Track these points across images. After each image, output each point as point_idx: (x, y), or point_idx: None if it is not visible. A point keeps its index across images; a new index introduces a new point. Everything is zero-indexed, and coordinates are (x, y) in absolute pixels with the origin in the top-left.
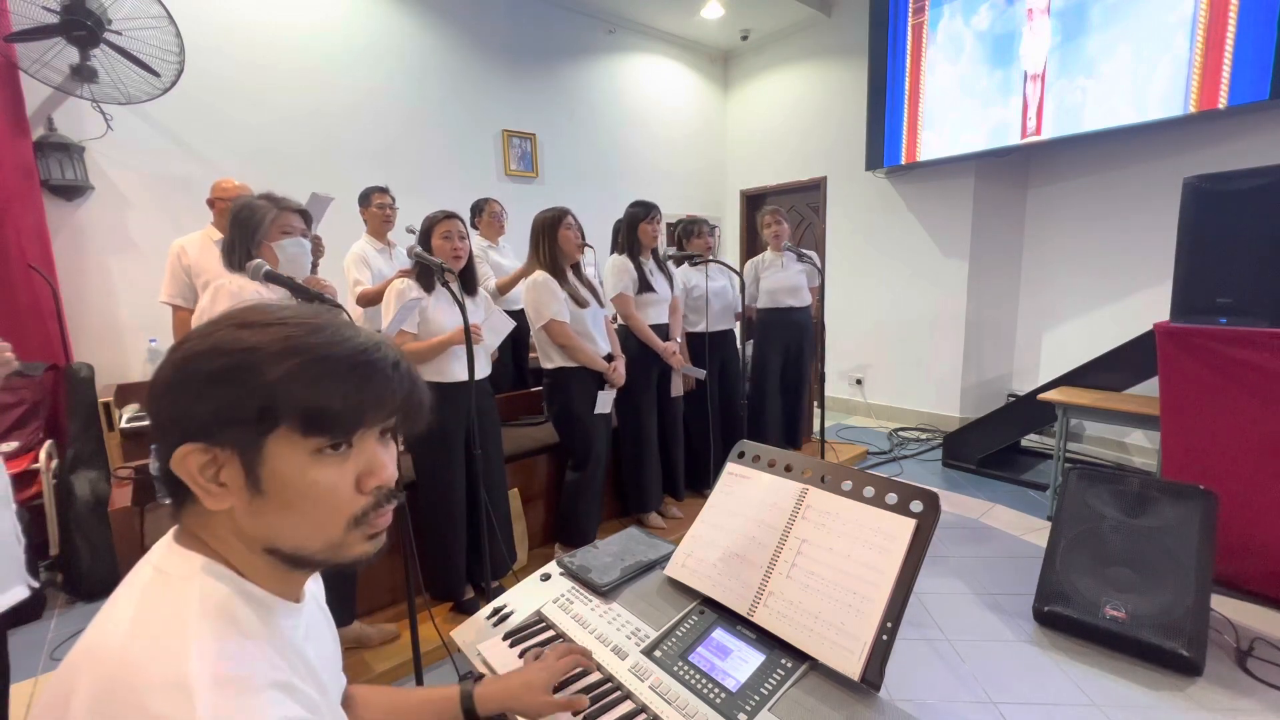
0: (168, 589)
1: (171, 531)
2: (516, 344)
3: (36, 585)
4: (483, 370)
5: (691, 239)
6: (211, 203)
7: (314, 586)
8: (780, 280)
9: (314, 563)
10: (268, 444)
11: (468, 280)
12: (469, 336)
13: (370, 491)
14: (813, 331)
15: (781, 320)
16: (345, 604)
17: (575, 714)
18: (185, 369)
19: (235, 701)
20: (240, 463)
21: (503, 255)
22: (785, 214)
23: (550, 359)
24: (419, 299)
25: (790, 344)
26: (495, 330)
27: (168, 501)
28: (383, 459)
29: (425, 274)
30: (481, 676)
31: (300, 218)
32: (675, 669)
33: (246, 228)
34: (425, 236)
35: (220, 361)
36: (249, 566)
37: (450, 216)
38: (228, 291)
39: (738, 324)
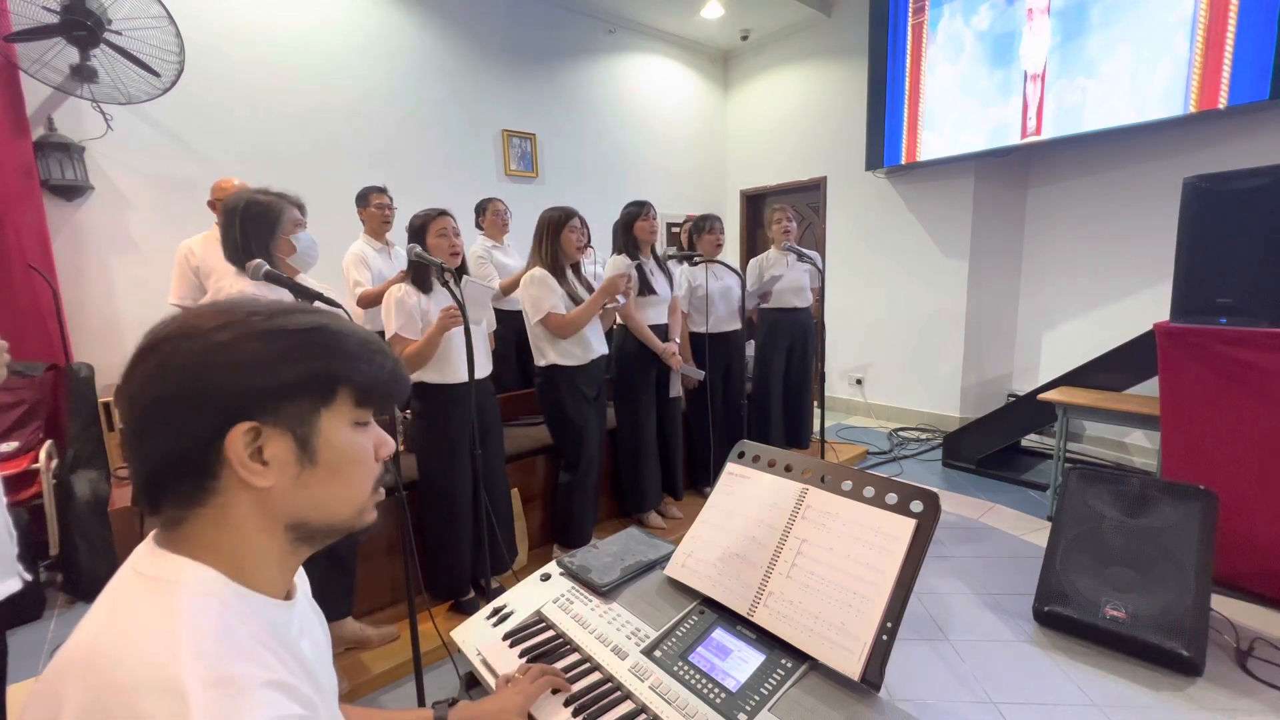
0: (153, 593)
1: (151, 536)
2: (521, 343)
3: (29, 578)
4: (485, 369)
5: (702, 235)
6: (213, 204)
7: (303, 584)
8: (787, 280)
9: (336, 532)
10: (323, 416)
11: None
12: (468, 333)
13: (381, 460)
14: (815, 331)
15: (786, 320)
16: (345, 596)
17: (573, 712)
18: (244, 347)
19: (230, 702)
20: (293, 437)
21: (508, 255)
22: (793, 212)
23: (544, 356)
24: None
25: (794, 344)
26: (478, 303)
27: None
28: (385, 434)
29: (421, 275)
30: (455, 701)
31: (300, 211)
32: (675, 669)
33: (263, 223)
34: (419, 235)
35: (295, 337)
36: (244, 564)
37: (443, 214)
38: (230, 294)
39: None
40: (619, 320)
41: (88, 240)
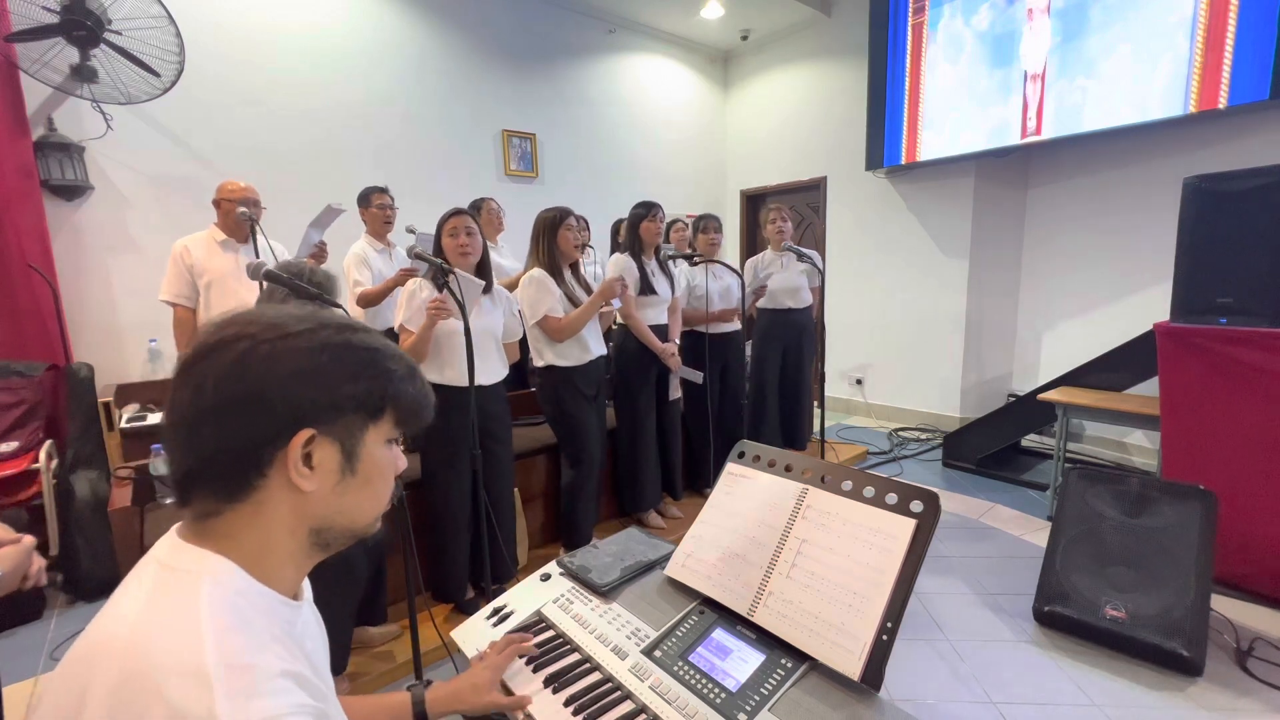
0: (177, 582)
1: (175, 529)
2: (521, 345)
3: None
4: (498, 374)
5: (698, 235)
6: (217, 203)
7: (307, 589)
8: (781, 281)
9: (351, 539)
10: (369, 430)
11: (484, 277)
12: (468, 335)
13: (396, 478)
14: (813, 332)
15: (781, 321)
16: (380, 604)
17: (574, 712)
18: (318, 358)
19: (251, 687)
20: (341, 447)
21: (502, 256)
22: (788, 212)
23: (541, 356)
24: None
25: (790, 345)
26: (466, 295)
27: (169, 502)
28: (400, 453)
29: (440, 273)
30: (430, 682)
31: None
32: (675, 669)
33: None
34: (437, 236)
35: (361, 355)
36: (265, 561)
37: (457, 213)
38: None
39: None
40: (618, 320)
41: (88, 240)
